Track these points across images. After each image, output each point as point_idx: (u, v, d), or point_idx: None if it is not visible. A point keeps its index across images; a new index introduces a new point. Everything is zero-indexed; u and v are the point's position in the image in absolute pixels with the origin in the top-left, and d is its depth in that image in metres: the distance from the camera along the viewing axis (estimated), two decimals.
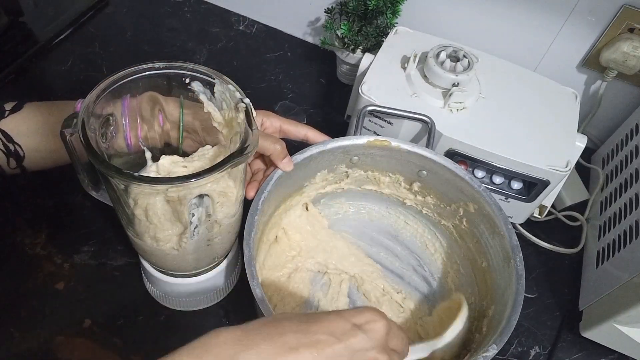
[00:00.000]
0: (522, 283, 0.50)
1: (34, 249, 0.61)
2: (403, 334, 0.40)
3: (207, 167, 0.41)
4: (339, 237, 0.65)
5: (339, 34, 0.77)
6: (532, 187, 0.62)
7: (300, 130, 0.57)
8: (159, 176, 0.47)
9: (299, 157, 0.56)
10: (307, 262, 0.62)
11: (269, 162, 0.56)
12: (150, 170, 0.47)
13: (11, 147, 0.52)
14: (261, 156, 0.57)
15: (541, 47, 0.75)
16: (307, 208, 0.64)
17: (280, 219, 0.61)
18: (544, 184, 0.60)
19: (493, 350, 0.45)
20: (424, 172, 0.59)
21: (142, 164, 0.48)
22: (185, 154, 0.50)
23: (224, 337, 0.34)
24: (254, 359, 0.33)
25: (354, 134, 0.59)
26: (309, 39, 0.91)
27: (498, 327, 0.48)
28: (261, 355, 0.33)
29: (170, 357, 0.33)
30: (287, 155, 0.54)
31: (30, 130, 0.52)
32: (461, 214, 0.59)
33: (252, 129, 0.44)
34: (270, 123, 0.57)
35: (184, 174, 0.42)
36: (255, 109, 0.46)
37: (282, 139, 0.57)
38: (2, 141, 0.51)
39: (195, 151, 0.50)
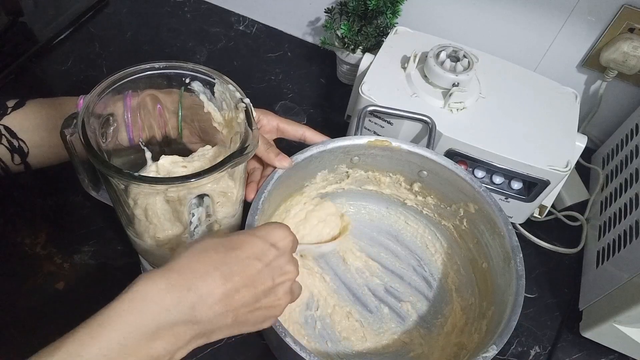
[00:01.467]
0: (522, 284, 0.50)
1: (34, 249, 0.61)
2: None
3: (207, 167, 0.41)
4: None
5: (339, 34, 0.77)
6: (532, 187, 0.62)
7: (297, 130, 0.57)
8: (159, 176, 0.47)
9: (300, 156, 0.55)
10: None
11: (265, 162, 0.56)
12: (150, 170, 0.47)
13: (15, 143, 0.52)
14: (256, 155, 0.57)
15: (541, 47, 0.75)
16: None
17: (281, 219, 0.61)
18: (544, 184, 0.60)
19: (493, 351, 0.45)
20: (425, 173, 0.59)
21: (142, 164, 0.48)
22: (185, 150, 0.50)
23: (156, 284, 0.34)
24: (199, 302, 0.35)
25: (355, 134, 0.59)
26: (309, 39, 0.91)
27: (498, 327, 0.48)
28: (208, 300, 0.35)
29: (105, 313, 0.33)
30: (279, 153, 0.54)
31: (33, 126, 0.52)
32: (461, 214, 0.59)
33: (252, 129, 0.44)
34: (267, 121, 0.57)
35: (184, 174, 0.42)
36: (254, 108, 0.46)
37: (280, 139, 0.57)
38: (6, 137, 0.51)
39: (195, 147, 0.50)
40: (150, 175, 0.46)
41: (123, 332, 0.33)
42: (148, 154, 0.48)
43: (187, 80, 0.47)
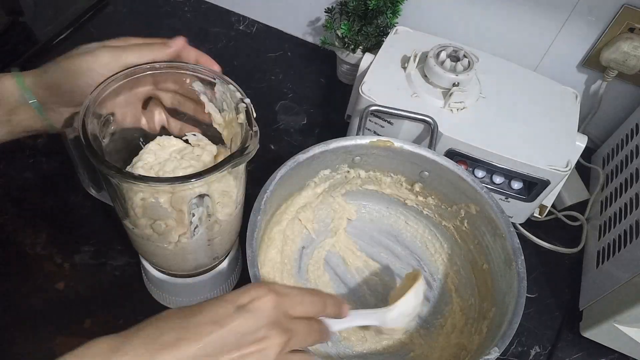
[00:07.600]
0: (523, 285, 0.50)
1: (34, 249, 0.61)
2: (311, 297, 0.38)
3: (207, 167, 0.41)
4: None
5: (339, 34, 0.77)
6: (533, 186, 0.62)
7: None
8: (159, 176, 0.47)
9: (302, 156, 0.55)
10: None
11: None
12: (149, 149, 0.48)
13: None
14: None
15: (541, 47, 0.75)
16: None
17: (282, 218, 0.61)
18: (544, 183, 0.60)
19: (495, 353, 0.45)
20: (426, 173, 0.59)
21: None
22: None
23: (99, 346, 0.32)
24: None
25: (357, 134, 0.59)
26: (309, 39, 0.91)
27: (499, 329, 0.48)
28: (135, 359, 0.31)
29: None
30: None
31: None
32: (462, 215, 0.59)
33: (252, 129, 0.44)
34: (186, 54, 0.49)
35: (184, 173, 0.42)
36: (255, 109, 0.46)
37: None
38: None
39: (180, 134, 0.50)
40: (150, 175, 0.46)
41: None
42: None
43: (188, 81, 0.47)
